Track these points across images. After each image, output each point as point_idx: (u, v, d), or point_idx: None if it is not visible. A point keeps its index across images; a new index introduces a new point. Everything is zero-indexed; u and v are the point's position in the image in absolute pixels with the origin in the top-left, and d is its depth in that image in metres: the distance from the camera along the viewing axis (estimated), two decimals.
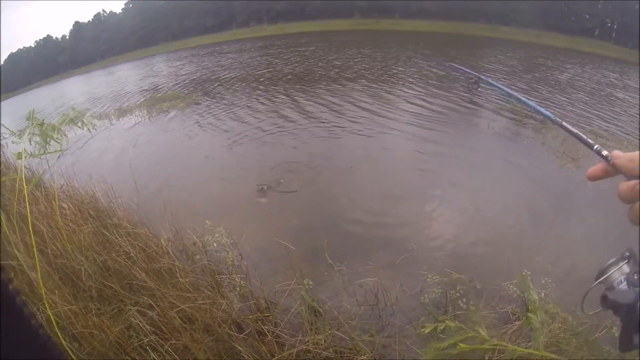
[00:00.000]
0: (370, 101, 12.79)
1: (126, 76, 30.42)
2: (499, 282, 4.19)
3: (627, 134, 11.00)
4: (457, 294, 3.93)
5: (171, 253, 4.08)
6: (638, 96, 17.81)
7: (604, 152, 0.72)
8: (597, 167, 0.73)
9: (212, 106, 13.27)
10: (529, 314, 2.52)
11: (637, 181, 0.64)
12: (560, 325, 3.37)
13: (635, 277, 0.86)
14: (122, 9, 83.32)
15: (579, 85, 19.47)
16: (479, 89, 1.33)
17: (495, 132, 10.13)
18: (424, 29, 55.07)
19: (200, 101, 13.94)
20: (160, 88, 19.19)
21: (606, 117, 12.88)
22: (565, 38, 63.96)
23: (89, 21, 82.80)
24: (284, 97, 13.87)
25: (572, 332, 3.30)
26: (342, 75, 17.15)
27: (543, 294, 4.01)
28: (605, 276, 0.90)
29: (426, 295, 3.94)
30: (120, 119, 13.60)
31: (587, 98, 16.19)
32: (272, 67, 21.41)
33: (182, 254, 4.32)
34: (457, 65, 1.93)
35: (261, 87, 15.77)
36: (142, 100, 16.78)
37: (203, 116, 12.06)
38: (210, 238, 4.39)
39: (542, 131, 10.24)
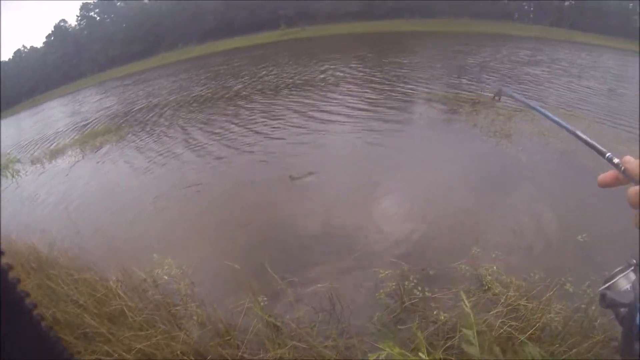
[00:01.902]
0: (300, 105, 12.89)
1: (55, 114, 29.10)
2: (452, 264, 4.33)
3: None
4: (412, 284, 4.02)
5: (122, 294, 3.95)
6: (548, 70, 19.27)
7: (615, 160, 0.72)
8: (608, 174, 0.73)
9: (144, 136, 12.89)
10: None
11: None
12: (514, 293, 3.53)
13: None
14: (43, 43, 79.53)
15: (494, 66, 20.65)
16: (501, 100, 1.36)
17: (429, 121, 10.50)
18: (350, 30, 56.24)
19: (131, 132, 13.49)
20: (91, 123, 18.48)
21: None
22: (488, 24, 67.50)
23: (9, 59, 78.63)
24: (209, 117, 13.71)
25: (527, 296, 3.49)
26: (265, 89, 17.23)
27: (495, 267, 4.19)
28: (611, 282, 0.92)
29: (381, 291, 4.00)
30: (53, 161, 12.95)
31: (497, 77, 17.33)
32: (201, 88, 21.02)
33: (134, 292, 4.17)
34: (485, 76, 1.98)
35: (192, 110, 15.45)
36: (73, 138, 16.09)
37: (135, 148, 11.68)
38: (159, 271, 4.28)
39: (473, 114, 10.71)
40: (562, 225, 5.53)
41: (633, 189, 0.65)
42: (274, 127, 10.95)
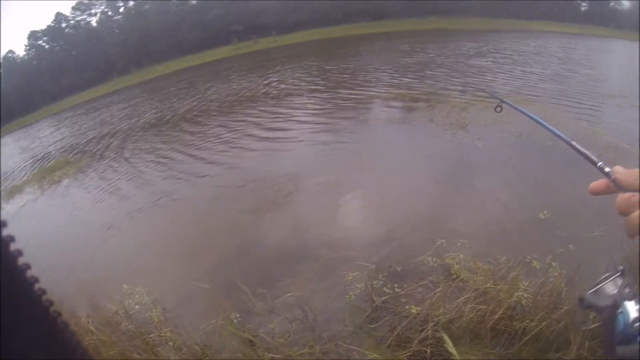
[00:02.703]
0: (258, 116, 12.84)
1: (8, 150, 28.01)
2: (418, 258, 4.35)
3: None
4: (380, 283, 4.01)
5: (94, 329, 3.79)
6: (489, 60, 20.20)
7: (607, 169, 0.72)
8: (600, 182, 0.72)
9: (103, 166, 12.42)
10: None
11: (633, 193, 0.63)
12: (482, 277, 3.56)
13: (626, 290, 0.90)
14: None
15: (441, 62, 21.30)
16: (502, 111, 1.41)
17: (387, 119, 10.65)
18: (304, 39, 56.76)
19: (90, 163, 12.92)
20: (48, 157, 17.82)
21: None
22: (442, 19, 69.59)
23: None
24: (165, 143, 13.35)
25: (494, 278, 3.53)
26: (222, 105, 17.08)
27: (461, 255, 4.24)
28: (598, 287, 0.96)
29: (350, 293, 3.98)
30: (10, 200, 12.37)
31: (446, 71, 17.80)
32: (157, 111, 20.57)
33: (106, 326, 4.00)
34: (486, 91, 1.99)
35: (143, 137, 15.04)
36: (30, 174, 15.45)
37: (95, 179, 11.24)
38: (130, 302, 4.15)
39: (429, 109, 10.91)
40: (524, 206, 5.69)
41: (621, 196, 0.65)
42: (229, 146, 10.78)
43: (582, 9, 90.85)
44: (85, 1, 70.77)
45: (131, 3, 70.72)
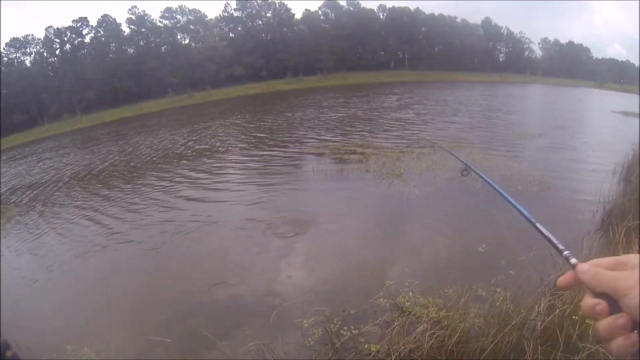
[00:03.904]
0: (193, 170, 12.71)
1: None
2: (370, 300, 4.54)
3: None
4: (337, 326, 4.15)
5: None
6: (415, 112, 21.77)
7: (573, 260, 0.67)
8: (567, 276, 0.67)
9: (34, 217, 11.49)
10: None
11: (598, 301, 0.59)
12: (434, 309, 3.80)
13: None
14: None
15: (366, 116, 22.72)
16: (469, 175, 1.52)
17: (322, 173, 10.90)
18: (236, 94, 58.06)
19: (20, 213, 11.90)
20: None
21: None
22: (367, 74, 73.70)
23: None
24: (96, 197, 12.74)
25: (446, 308, 3.77)
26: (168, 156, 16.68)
27: (411, 293, 4.49)
28: None
29: (309, 339, 4.07)
30: None
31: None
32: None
33: None
34: (452, 154, 2.06)
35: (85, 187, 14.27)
36: None
37: (26, 231, 10.34)
38: None
39: (364, 161, 11.46)
40: (463, 242, 6.15)
41: (585, 302, 0.61)
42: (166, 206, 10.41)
43: (501, 59, 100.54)
44: (21, 39, 66.62)
45: (68, 46, 67.92)
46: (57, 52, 68.45)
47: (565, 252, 0.71)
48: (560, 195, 8.20)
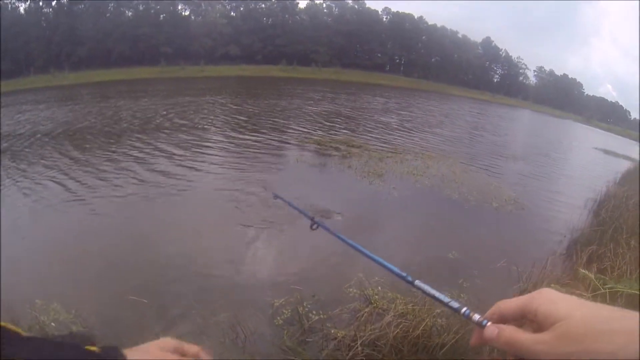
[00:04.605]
0: (174, 149, 12.33)
1: None
2: (340, 288, 4.75)
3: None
4: (306, 309, 4.34)
5: None
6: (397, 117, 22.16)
7: (476, 317, 0.60)
8: (476, 336, 0.60)
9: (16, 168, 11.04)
10: None
11: None
12: (401, 303, 4.03)
13: None
14: None
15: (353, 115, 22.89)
16: (317, 228, 1.47)
17: (305, 164, 11.07)
18: (229, 73, 57.60)
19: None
20: None
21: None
22: (360, 73, 74.09)
23: None
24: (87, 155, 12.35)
25: (413, 303, 4.01)
26: (146, 126, 16.35)
27: (379, 287, 4.72)
28: None
29: (278, 317, 4.25)
30: None
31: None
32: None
33: None
34: (293, 205, 1.93)
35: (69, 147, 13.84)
36: None
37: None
38: (46, 318, 4.04)
39: (348, 157, 11.67)
40: (435, 247, 6.42)
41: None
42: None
43: (495, 80, 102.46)
44: None
45: None
46: (54, 3, 66.01)
47: (464, 310, 0.63)
48: (533, 218, 8.57)
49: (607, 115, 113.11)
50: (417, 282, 0.77)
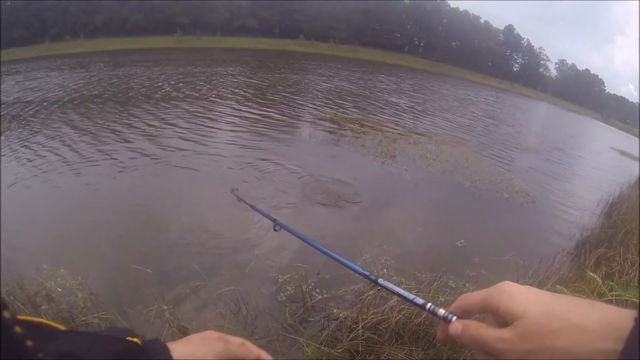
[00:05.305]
0: (189, 121, 12.31)
1: None
2: (345, 268, 4.76)
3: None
4: (310, 287, 4.37)
5: (12, 305, 3.68)
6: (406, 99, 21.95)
7: (441, 312, 0.61)
8: (442, 331, 0.61)
9: (26, 133, 11.12)
10: None
11: None
12: (407, 288, 4.03)
13: None
14: None
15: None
16: (280, 230, 1.42)
17: (318, 140, 11.04)
18: (245, 45, 57.23)
19: (11, 129, 11.55)
20: None
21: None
22: (378, 52, 73.35)
23: None
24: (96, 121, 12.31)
25: (417, 289, 4.04)
26: (167, 95, 16.37)
27: (385, 270, 4.75)
28: None
29: (282, 294, 4.29)
30: None
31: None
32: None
33: (27, 306, 3.89)
34: (253, 206, 1.78)
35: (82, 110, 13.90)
36: None
37: (18, 146, 10.04)
38: (52, 284, 4.11)
39: (361, 135, 11.61)
40: (443, 234, 6.42)
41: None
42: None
43: (515, 69, 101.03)
44: None
45: None
46: None
47: (429, 305, 0.64)
48: (543, 212, 8.49)
49: (626, 115, 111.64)
50: (380, 281, 0.78)
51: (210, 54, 42.05)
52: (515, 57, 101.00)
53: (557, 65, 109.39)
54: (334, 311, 3.94)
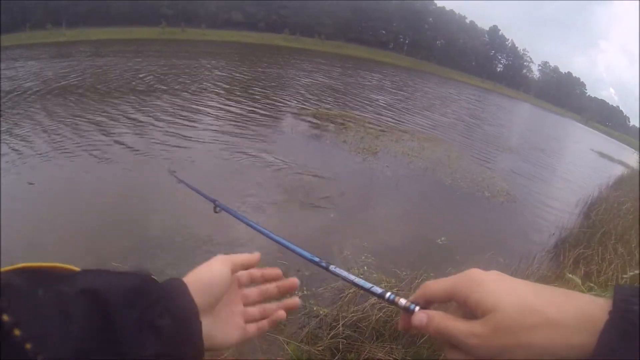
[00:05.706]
0: (171, 113, 12.07)
1: None
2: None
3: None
4: None
5: None
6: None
7: (402, 302, 0.56)
8: (403, 322, 0.56)
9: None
10: None
11: None
12: (386, 285, 4.03)
13: None
14: None
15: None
16: (220, 211, 1.32)
17: (300, 134, 11.01)
18: (230, 38, 56.74)
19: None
20: None
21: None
22: (363, 49, 73.42)
23: None
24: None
25: (398, 287, 4.04)
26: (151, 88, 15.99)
27: (365, 267, 4.73)
28: None
29: None
30: None
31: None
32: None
33: None
34: (192, 187, 1.73)
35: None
36: None
37: None
38: None
39: (343, 131, 11.59)
40: (424, 231, 6.45)
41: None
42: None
43: (498, 69, 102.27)
44: None
45: None
46: None
47: (388, 294, 0.59)
48: (523, 211, 8.63)
49: (606, 118, 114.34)
50: (331, 268, 0.71)
51: (194, 46, 41.55)
52: (499, 57, 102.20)
53: (540, 67, 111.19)
54: (314, 309, 3.90)
